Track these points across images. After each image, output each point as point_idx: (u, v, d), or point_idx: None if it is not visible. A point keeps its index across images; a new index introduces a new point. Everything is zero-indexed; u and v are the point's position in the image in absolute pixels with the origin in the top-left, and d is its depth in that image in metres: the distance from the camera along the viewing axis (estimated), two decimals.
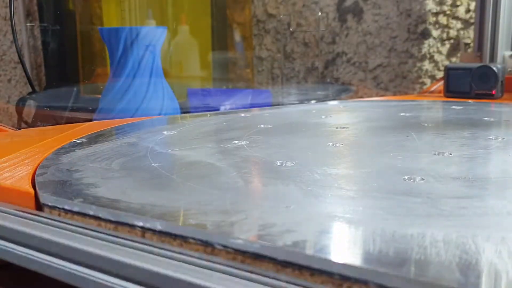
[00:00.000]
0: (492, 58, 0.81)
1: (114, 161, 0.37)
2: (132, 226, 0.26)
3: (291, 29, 1.15)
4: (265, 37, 1.22)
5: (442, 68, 1.01)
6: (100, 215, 0.27)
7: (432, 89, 0.84)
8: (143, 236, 0.25)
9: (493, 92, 0.71)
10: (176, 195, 0.29)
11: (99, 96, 0.83)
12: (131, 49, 0.75)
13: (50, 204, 0.29)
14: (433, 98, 0.77)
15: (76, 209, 0.28)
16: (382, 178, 0.32)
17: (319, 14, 1.10)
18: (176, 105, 0.80)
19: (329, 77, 1.13)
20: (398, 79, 1.07)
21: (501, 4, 0.78)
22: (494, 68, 0.70)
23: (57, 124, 0.85)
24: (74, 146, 0.44)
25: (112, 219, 0.26)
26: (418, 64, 1.04)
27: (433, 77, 1.02)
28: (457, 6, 0.98)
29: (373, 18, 1.08)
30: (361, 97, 1.09)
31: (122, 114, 0.75)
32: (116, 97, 0.75)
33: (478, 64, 0.72)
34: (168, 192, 0.29)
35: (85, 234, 0.26)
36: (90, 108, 0.83)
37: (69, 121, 0.81)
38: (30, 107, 0.86)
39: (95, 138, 0.47)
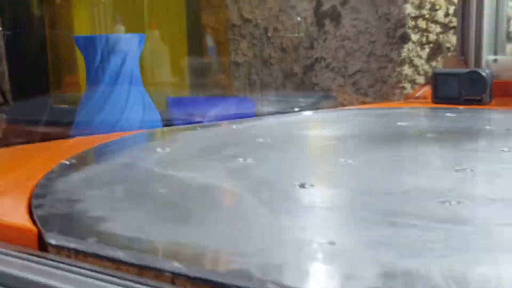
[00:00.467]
0: (477, 62, 0.81)
1: (116, 188, 0.34)
2: (160, 271, 0.23)
3: (268, 34, 1.13)
4: (241, 42, 1.19)
5: (422, 72, 1.02)
6: (121, 257, 0.23)
7: (417, 94, 0.84)
8: (173, 282, 0.22)
9: (482, 97, 0.71)
10: (201, 229, 0.26)
11: (73, 106, 0.79)
12: (109, 58, 0.71)
13: (57, 244, 0.25)
14: (420, 104, 0.77)
15: (90, 249, 0.24)
16: (415, 201, 0.30)
17: (299, 19, 1.08)
18: (157, 115, 0.76)
19: (308, 83, 1.11)
20: (378, 84, 1.06)
21: (484, 8, 0.78)
22: (483, 74, 0.70)
23: (29, 138, 0.80)
24: (65, 169, 0.40)
25: (135, 262, 0.23)
26: (398, 69, 1.03)
27: (413, 82, 1.02)
28: (436, 10, 0.98)
29: (351, 23, 1.07)
30: (341, 102, 1.08)
31: (102, 127, 0.71)
32: (95, 109, 0.71)
33: (467, 70, 0.72)
34: (191, 227, 0.26)
35: (102, 280, 0.23)
36: (65, 120, 0.79)
37: (44, 135, 0.76)
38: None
39: (85, 159, 0.44)
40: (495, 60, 0.83)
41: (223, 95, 1.04)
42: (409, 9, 1.00)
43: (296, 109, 0.85)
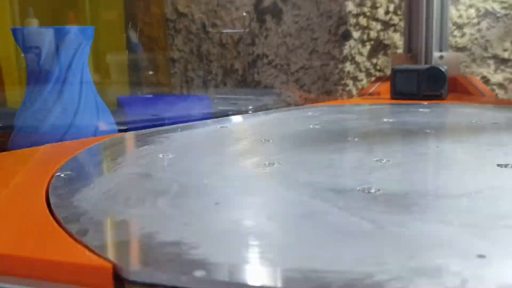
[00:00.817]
0: (427, 59, 0.83)
1: (157, 202, 0.29)
2: None
3: (209, 29, 1.08)
4: (176, 37, 1.13)
5: (363, 69, 1.03)
6: None
7: (371, 91, 0.85)
8: None
9: (442, 93, 0.73)
10: (316, 248, 0.22)
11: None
12: (58, 53, 0.63)
13: (152, 282, 0.20)
14: (380, 100, 0.77)
15: (200, 285, 0.20)
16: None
17: (244, 14, 1.05)
18: (111, 118, 0.69)
19: (250, 80, 1.09)
20: (320, 81, 1.06)
21: (434, 7, 0.81)
22: (443, 69, 0.72)
23: None
24: (67, 183, 0.34)
25: None
26: (340, 66, 1.04)
27: (355, 79, 1.04)
28: (377, 7, 1.00)
29: (293, 19, 1.06)
30: (285, 100, 1.07)
31: (52, 132, 0.62)
32: (42, 111, 0.63)
33: (426, 66, 0.74)
34: (304, 245, 0.23)
35: None
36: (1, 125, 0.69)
37: None
38: None
39: (81, 170, 0.37)
40: (441, 57, 0.86)
41: (175, 93, 0.98)
42: (350, 6, 1.02)
43: (250, 108, 0.82)
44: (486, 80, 0.94)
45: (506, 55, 0.96)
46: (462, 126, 0.51)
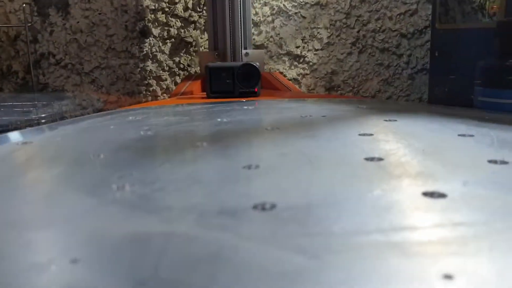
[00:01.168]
0: (234, 56, 0.82)
1: None
2: None
3: None
4: None
5: (166, 68, 0.98)
6: None
7: (182, 90, 0.80)
8: None
9: (256, 89, 0.72)
10: None
11: None
12: None
13: None
14: (199, 100, 0.73)
15: None
16: None
17: (24, 5, 0.88)
18: None
19: (35, 83, 0.92)
20: (120, 82, 0.97)
21: (239, 7, 0.80)
22: (257, 66, 0.71)
23: None
24: None
25: None
26: (141, 65, 0.96)
27: (158, 78, 0.97)
28: (176, 3, 0.95)
29: (83, 14, 0.94)
30: (81, 104, 0.94)
31: None
32: None
33: (240, 63, 0.72)
34: None
35: None
36: None
37: None
38: None
39: None
40: (247, 54, 0.86)
41: None
42: (147, 1, 0.94)
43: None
44: (283, 76, 0.98)
45: (298, 51, 1.01)
46: (301, 122, 0.50)
